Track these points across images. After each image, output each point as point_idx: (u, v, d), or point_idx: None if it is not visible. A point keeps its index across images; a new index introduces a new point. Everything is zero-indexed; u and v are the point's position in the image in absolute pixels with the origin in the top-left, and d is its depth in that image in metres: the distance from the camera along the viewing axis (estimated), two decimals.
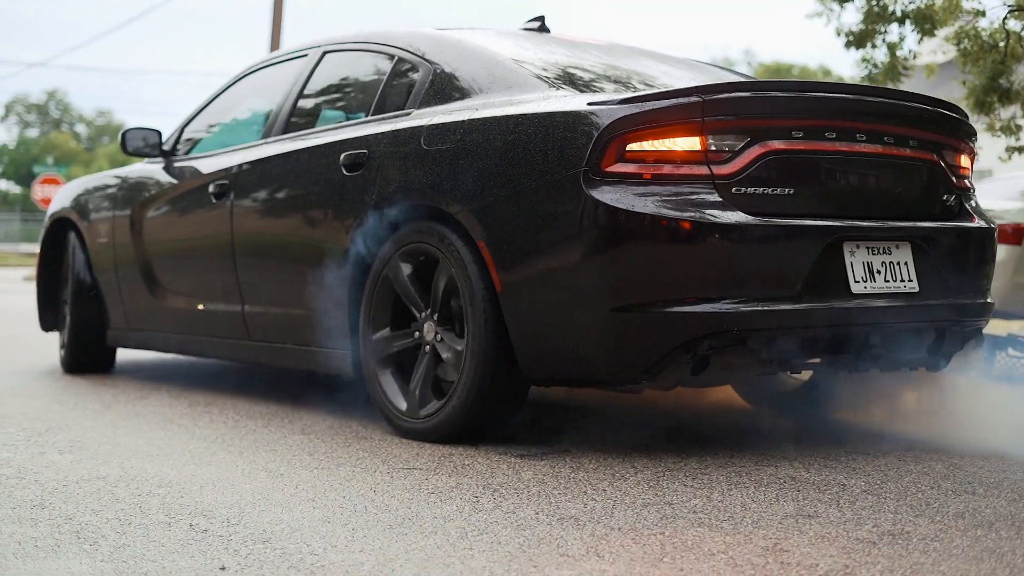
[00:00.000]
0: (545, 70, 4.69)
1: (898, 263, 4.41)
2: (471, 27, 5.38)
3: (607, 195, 3.98)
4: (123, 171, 6.87)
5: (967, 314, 4.61)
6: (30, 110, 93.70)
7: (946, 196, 4.68)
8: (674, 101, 4.07)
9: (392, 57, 5.20)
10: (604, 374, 4.15)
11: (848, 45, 11.19)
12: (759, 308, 4.01)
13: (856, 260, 4.29)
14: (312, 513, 3.34)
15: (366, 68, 5.44)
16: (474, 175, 4.33)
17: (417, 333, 4.63)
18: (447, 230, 4.44)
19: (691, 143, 4.03)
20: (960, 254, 4.64)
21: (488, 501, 3.51)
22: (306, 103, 5.69)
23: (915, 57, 11.40)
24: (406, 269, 4.64)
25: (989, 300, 4.78)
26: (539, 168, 4.14)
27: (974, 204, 4.88)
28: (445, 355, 4.49)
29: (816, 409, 5.24)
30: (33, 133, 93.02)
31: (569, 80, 4.64)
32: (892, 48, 11.32)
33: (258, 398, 5.68)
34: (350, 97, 5.65)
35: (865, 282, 4.29)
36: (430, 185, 4.50)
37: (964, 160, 4.79)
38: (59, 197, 7.39)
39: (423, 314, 4.60)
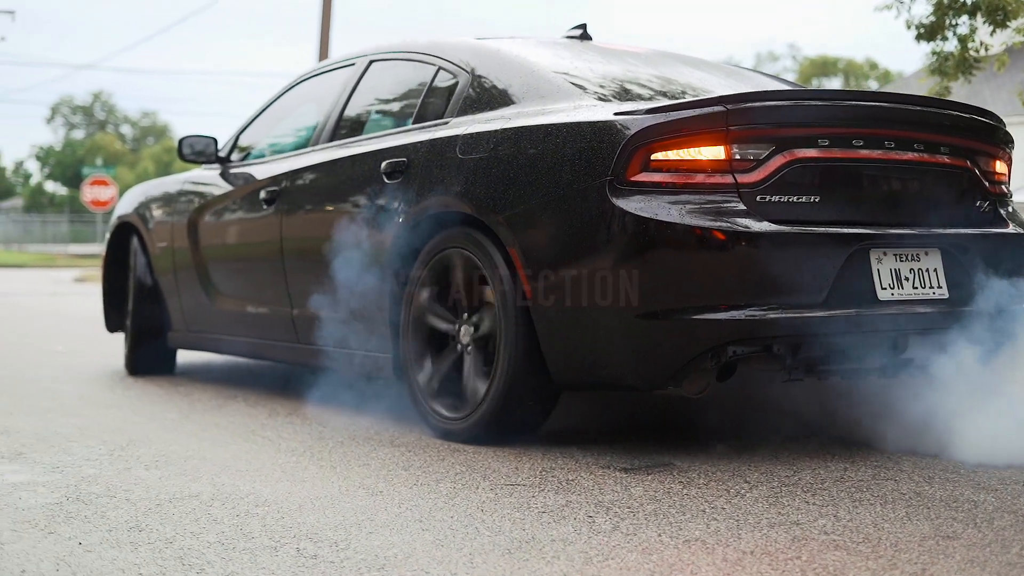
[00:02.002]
0: (579, 79, 4.77)
1: (927, 270, 4.41)
2: (511, 36, 5.47)
3: (632, 204, 4.03)
4: (182, 177, 7.03)
5: (1001, 320, 4.48)
6: (76, 112, 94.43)
7: (980, 202, 4.68)
8: (699, 111, 4.12)
9: (434, 67, 5.30)
10: (630, 379, 4.21)
11: (919, 38, 10.94)
12: (783, 315, 4.02)
13: (883, 267, 4.28)
14: (423, 536, 3.18)
15: (410, 77, 5.54)
16: (506, 183, 4.42)
17: (459, 346, 4.72)
18: (482, 237, 4.52)
19: (716, 152, 4.07)
20: (994, 261, 4.58)
21: (604, 521, 3.33)
22: (352, 111, 5.80)
23: (986, 49, 11.13)
24: (427, 293, 4.80)
25: None
26: (567, 177, 4.21)
27: (1010, 210, 4.85)
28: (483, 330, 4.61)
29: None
30: (79, 135, 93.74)
31: (602, 89, 4.70)
32: (963, 40, 11.07)
33: (338, 406, 5.52)
34: (394, 106, 5.72)
35: (892, 289, 4.29)
36: (464, 193, 4.58)
37: (999, 166, 4.77)
38: (123, 202, 7.55)
39: (457, 324, 4.73)
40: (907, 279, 4.34)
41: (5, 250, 51.31)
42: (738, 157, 4.07)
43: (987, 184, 4.69)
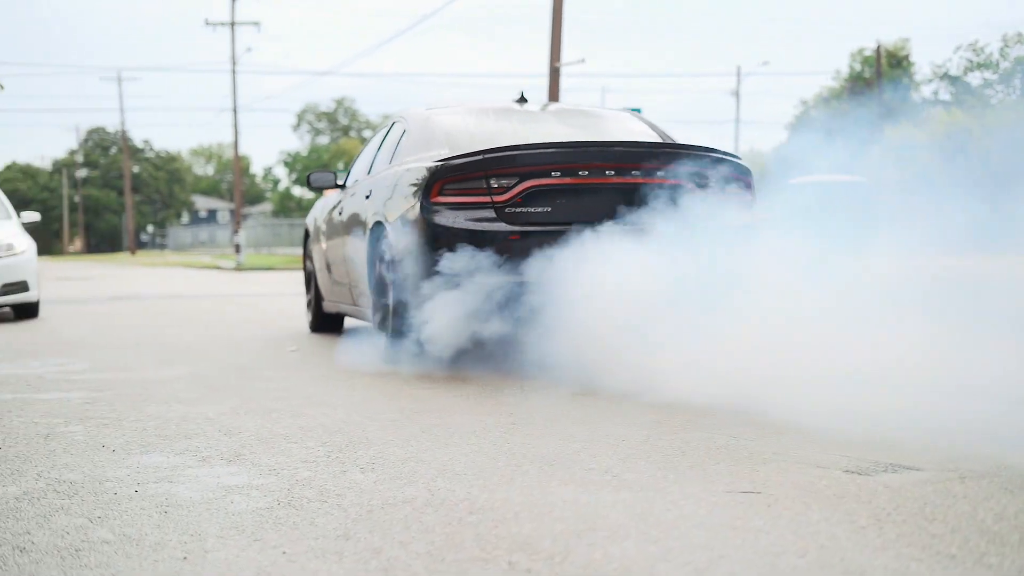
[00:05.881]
0: (461, 137, 7.35)
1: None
2: (455, 105, 8.28)
3: (432, 215, 6.68)
4: (326, 197, 10.23)
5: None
6: (320, 118, 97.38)
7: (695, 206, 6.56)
8: (470, 159, 6.71)
9: (404, 127, 8.14)
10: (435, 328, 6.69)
11: None
12: (520, 280, 6.38)
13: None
14: (647, 548, 2.92)
15: (396, 133, 8.33)
16: (395, 201, 7.11)
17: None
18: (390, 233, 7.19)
19: (479, 183, 6.67)
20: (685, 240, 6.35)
21: (849, 534, 3.00)
22: (378, 156, 8.58)
23: None
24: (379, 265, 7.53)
25: None
26: (410, 199, 6.85)
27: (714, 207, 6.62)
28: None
29: None
30: (323, 140, 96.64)
31: (469, 143, 7.19)
32: None
33: (559, 410, 5.32)
34: (389, 152, 8.25)
35: None
36: (383, 208, 7.31)
37: (717, 182, 6.84)
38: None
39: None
40: None
41: (255, 253, 53.13)
42: (495, 186, 6.64)
43: (699, 192, 6.70)
